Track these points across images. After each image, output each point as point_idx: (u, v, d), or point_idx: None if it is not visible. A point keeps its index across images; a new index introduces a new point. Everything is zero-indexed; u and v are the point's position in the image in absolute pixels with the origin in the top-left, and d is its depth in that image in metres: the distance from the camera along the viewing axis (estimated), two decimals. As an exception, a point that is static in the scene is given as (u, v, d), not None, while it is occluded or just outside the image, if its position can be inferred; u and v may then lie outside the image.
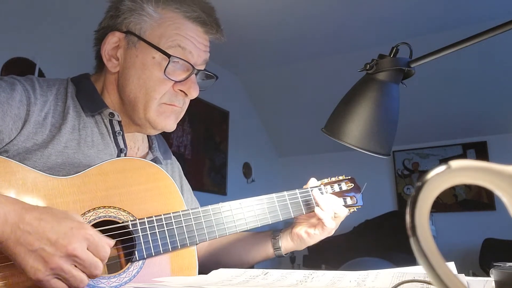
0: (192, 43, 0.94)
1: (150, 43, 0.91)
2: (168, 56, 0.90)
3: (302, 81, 4.57)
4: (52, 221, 0.66)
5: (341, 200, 1.07)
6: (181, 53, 0.92)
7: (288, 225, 1.13)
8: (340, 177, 1.14)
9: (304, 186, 1.08)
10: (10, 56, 2.62)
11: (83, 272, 0.67)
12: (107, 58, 0.95)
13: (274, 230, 1.12)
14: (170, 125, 0.97)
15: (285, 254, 1.10)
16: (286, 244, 1.08)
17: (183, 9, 0.93)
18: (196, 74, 0.96)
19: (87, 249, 0.67)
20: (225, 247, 1.14)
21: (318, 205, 1.02)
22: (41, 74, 2.71)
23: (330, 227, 1.02)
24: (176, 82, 0.93)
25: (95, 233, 0.69)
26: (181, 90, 0.95)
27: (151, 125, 0.96)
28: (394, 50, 0.85)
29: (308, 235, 1.05)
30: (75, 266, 0.66)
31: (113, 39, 0.94)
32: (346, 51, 4.05)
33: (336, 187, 1.11)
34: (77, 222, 0.68)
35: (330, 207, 1.02)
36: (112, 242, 0.73)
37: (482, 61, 3.75)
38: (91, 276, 0.68)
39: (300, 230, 1.06)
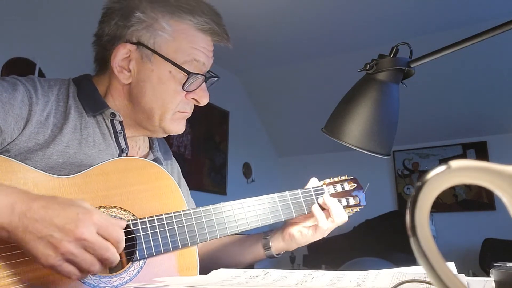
0: (204, 54, 0.95)
1: (167, 58, 0.92)
2: (188, 73, 0.92)
3: (302, 81, 4.57)
4: (58, 208, 0.67)
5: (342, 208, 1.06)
6: (196, 66, 0.94)
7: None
8: (343, 177, 1.14)
9: (305, 187, 1.08)
10: (10, 56, 2.62)
11: (95, 256, 0.68)
12: (118, 70, 0.94)
13: (266, 231, 1.11)
14: (182, 130, 1.00)
15: (276, 255, 1.08)
16: (277, 243, 1.07)
17: (196, 21, 0.94)
18: (205, 81, 0.98)
19: (97, 233, 0.68)
20: (217, 249, 1.14)
21: (319, 204, 1.03)
22: (41, 74, 2.71)
23: (323, 228, 1.02)
24: (188, 91, 0.96)
25: (103, 217, 0.69)
26: (193, 98, 0.97)
27: (165, 131, 0.98)
28: (394, 50, 0.85)
29: (300, 234, 1.04)
30: (85, 250, 0.67)
31: (124, 50, 0.93)
32: (346, 51, 4.05)
33: (339, 187, 1.10)
34: (83, 208, 0.69)
35: (332, 209, 1.02)
36: (123, 222, 0.74)
37: (482, 61, 3.75)
38: (102, 259, 0.69)
39: (293, 229, 1.05)
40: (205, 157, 4.27)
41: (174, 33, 0.93)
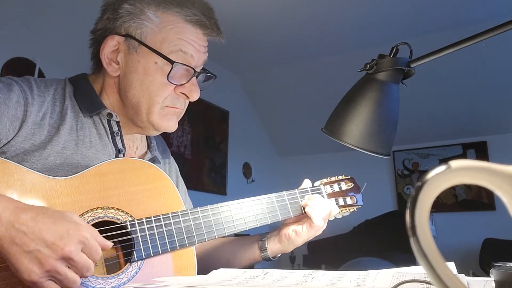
0: (193, 46, 0.94)
1: (152, 48, 0.91)
2: (172, 62, 0.90)
3: (302, 81, 4.57)
4: (48, 222, 0.65)
5: (332, 201, 1.06)
6: (183, 58, 0.92)
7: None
8: (340, 177, 1.13)
9: (299, 187, 1.08)
10: (10, 56, 2.62)
11: (76, 273, 0.67)
12: (107, 62, 0.94)
13: (263, 233, 1.10)
14: (173, 126, 0.98)
15: (272, 257, 1.07)
16: (273, 245, 1.06)
17: (184, 12, 0.93)
18: (197, 77, 0.97)
19: (82, 251, 0.67)
20: (213, 250, 1.13)
21: (307, 205, 1.02)
22: (41, 74, 2.71)
23: (318, 225, 1.00)
24: (177, 85, 0.94)
25: (91, 236, 0.68)
26: (182, 93, 0.95)
27: (154, 127, 0.96)
28: (394, 50, 0.85)
29: (295, 233, 1.02)
30: (69, 268, 0.66)
31: (112, 42, 0.93)
32: (346, 51, 4.05)
33: (336, 187, 1.10)
34: (74, 223, 0.68)
35: (320, 206, 1.01)
36: (110, 244, 0.72)
37: (482, 61, 3.75)
38: (82, 277, 0.68)
39: (288, 229, 1.04)
40: (205, 157, 4.27)
41: (161, 24, 0.92)
